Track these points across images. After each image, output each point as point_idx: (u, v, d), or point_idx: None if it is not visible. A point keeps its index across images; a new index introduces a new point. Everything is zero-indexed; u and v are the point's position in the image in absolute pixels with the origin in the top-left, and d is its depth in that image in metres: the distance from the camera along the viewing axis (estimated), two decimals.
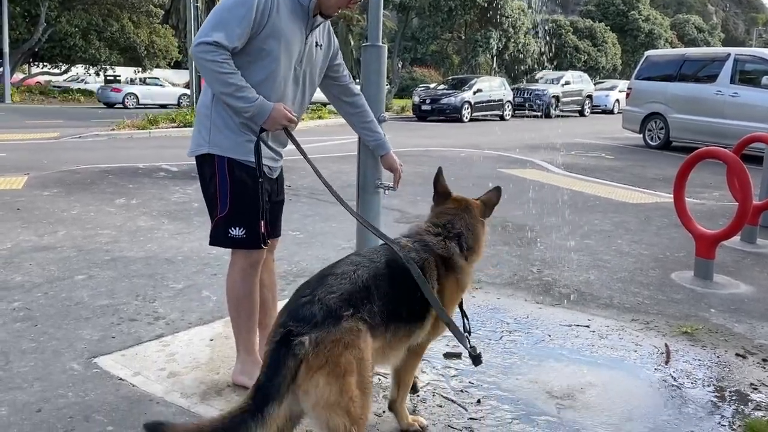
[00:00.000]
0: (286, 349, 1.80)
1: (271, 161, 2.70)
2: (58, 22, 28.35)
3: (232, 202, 2.61)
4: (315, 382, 1.80)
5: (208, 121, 2.60)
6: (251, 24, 2.44)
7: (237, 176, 2.59)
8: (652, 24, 48.09)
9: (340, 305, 1.89)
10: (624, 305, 4.03)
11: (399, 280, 2.11)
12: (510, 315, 3.80)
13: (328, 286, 1.94)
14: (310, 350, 1.80)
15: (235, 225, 2.61)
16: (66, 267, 4.39)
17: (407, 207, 6.70)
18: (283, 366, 1.79)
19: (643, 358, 3.25)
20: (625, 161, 11.46)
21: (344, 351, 1.84)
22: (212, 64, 2.42)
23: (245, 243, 2.64)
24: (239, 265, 2.71)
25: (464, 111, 21.84)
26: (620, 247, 5.41)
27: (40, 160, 9.27)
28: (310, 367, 1.80)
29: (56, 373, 2.87)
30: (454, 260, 2.30)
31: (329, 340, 1.82)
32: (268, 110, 2.51)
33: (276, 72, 2.56)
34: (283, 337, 1.83)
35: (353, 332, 1.88)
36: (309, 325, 1.83)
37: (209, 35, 2.41)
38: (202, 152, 2.62)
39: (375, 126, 2.98)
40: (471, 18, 32.29)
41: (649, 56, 14.58)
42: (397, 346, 2.15)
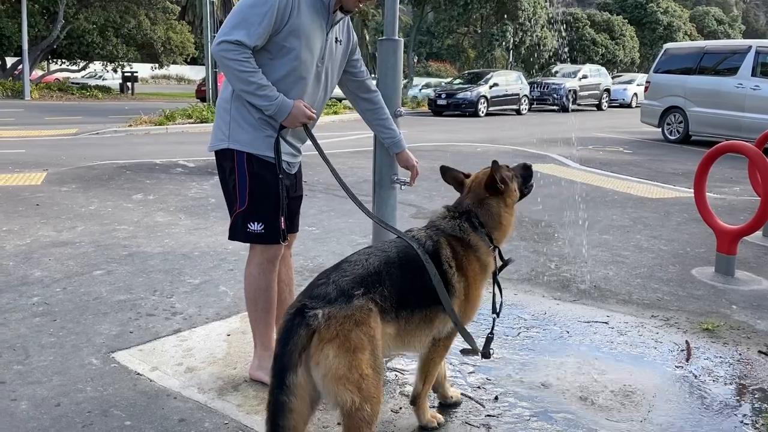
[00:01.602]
0: (301, 318, 1.90)
1: (290, 157, 2.70)
2: (76, 19, 28.61)
3: (250, 197, 2.61)
4: (325, 354, 1.86)
5: (227, 116, 2.61)
6: (272, 22, 2.44)
7: (256, 171, 2.59)
8: (671, 16, 47.48)
9: (352, 286, 1.98)
10: (643, 301, 3.98)
11: (409, 267, 2.15)
12: (527, 311, 3.76)
13: (342, 271, 2.05)
14: (323, 322, 1.88)
15: (253, 220, 2.62)
16: (84, 262, 4.42)
17: (423, 202, 6.68)
18: (296, 334, 1.88)
19: (663, 355, 3.21)
20: (643, 156, 11.34)
21: (354, 327, 1.91)
22: (234, 63, 2.42)
23: (264, 238, 2.65)
24: (257, 259, 2.71)
25: (480, 105, 21.73)
26: (639, 243, 5.35)
27: (58, 156, 9.36)
28: (322, 338, 1.87)
29: (75, 368, 2.89)
30: (467, 239, 2.31)
31: (341, 315, 1.90)
32: (289, 108, 2.51)
33: (297, 69, 2.56)
34: (298, 309, 1.93)
35: (364, 310, 1.95)
36: (323, 302, 1.93)
37: (231, 34, 2.42)
38: (221, 147, 2.63)
39: (390, 123, 2.97)
40: (487, 11, 32.10)
41: (668, 49, 14.39)
42: (414, 331, 2.18)
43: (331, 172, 2.65)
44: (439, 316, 2.22)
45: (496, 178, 2.38)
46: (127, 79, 32.30)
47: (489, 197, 2.41)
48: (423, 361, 2.38)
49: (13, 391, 2.66)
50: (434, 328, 2.26)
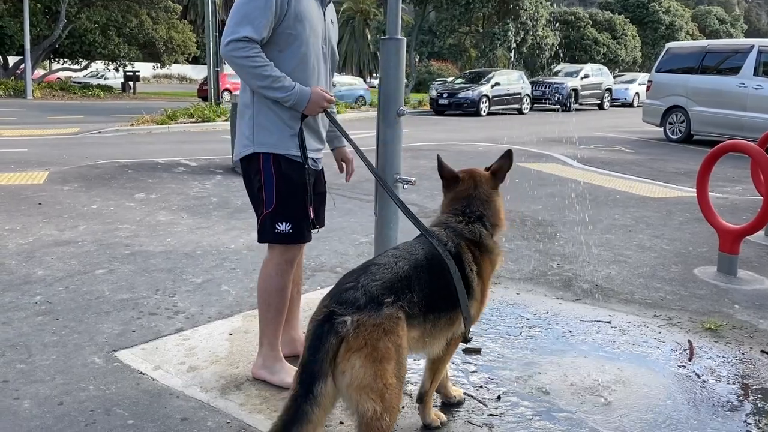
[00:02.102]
0: (330, 325, 1.85)
1: (316, 153, 2.71)
2: (78, 19, 28.62)
3: (278, 198, 2.60)
4: (352, 363, 1.82)
5: (251, 121, 2.60)
6: (274, 12, 2.44)
7: (283, 171, 2.58)
8: (673, 16, 47.38)
9: (382, 292, 1.93)
10: (646, 301, 3.98)
11: (437, 271, 2.13)
12: (530, 310, 3.76)
13: (371, 275, 1.98)
14: (351, 330, 1.84)
15: (281, 220, 2.61)
16: (87, 261, 4.43)
17: (426, 201, 6.67)
18: (326, 342, 1.83)
19: (665, 355, 3.21)
20: (645, 155, 11.32)
21: (383, 336, 1.87)
22: (245, 60, 2.43)
23: (292, 237, 2.64)
24: (276, 260, 2.70)
25: (482, 105, 21.71)
26: (641, 242, 5.34)
27: (60, 155, 9.37)
28: (350, 347, 1.83)
29: (77, 367, 2.89)
30: (484, 242, 2.32)
31: (370, 323, 1.86)
32: (308, 95, 2.51)
33: (307, 54, 2.56)
34: (326, 315, 1.88)
35: (393, 319, 1.91)
36: (352, 308, 1.87)
37: (236, 32, 2.42)
38: (247, 153, 2.61)
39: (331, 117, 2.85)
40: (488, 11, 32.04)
41: (670, 48, 14.37)
42: (437, 335, 2.18)
43: (363, 160, 2.57)
44: (459, 317, 2.23)
45: (506, 173, 2.42)
46: (129, 79, 32.31)
47: (493, 196, 2.41)
48: (432, 361, 2.38)
49: (16, 389, 2.67)
50: (453, 330, 2.26)
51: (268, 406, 2.56)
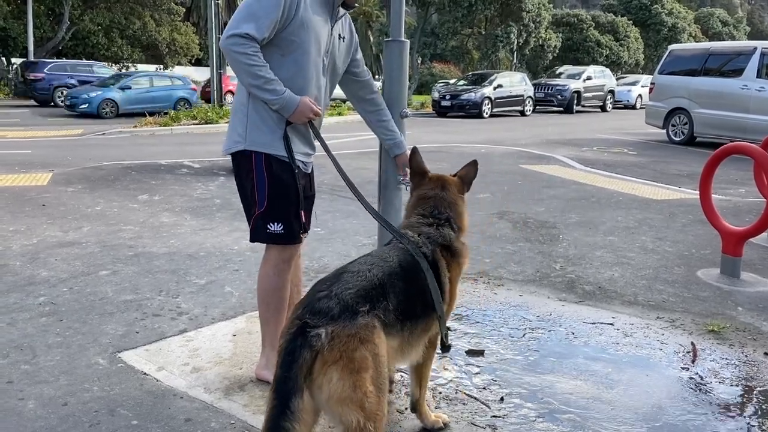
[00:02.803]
0: (303, 339, 1.79)
1: (304, 156, 2.71)
2: (82, 21, 28.75)
3: (269, 198, 2.62)
4: (329, 377, 1.78)
5: (245, 118, 2.61)
6: (280, 15, 2.45)
7: (275, 172, 2.60)
8: (676, 18, 47.38)
9: (356, 301, 1.88)
10: (649, 303, 3.98)
11: (411, 278, 2.12)
12: (533, 312, 3.77)
13: (345, 282, 1.93)
14: (326, 343, 1.78)
15: (273, 220, 2.63)
16: (90, 262, 4.44)
17: None
18: (300, 357, 1.77)
19: (668, 357, 3.21)
20: (648, 157, 11.32)
21: (359, 346, 1.82)
22: (242, 56, 2.44)
23: (284, 238, 2.66)
24: (273, 260, 2.72)
25: (484, 107, 21.71)
26: (644, 244, 5.34)
27: (64, 156, 9.40)
28: (325, 360, 1.78)
29: (81, 368, 2.90)
30: (453, 245, 2.33)
31: (345, 334, 1.81)
32: (296, 103, 2.52)
33: (307, 63, 2.57)
34: (299, 328, 1.82)
35: (368, 328, 1.87)
36: (325, 318, 1.82)
37: (239, 27, 2.44)
38: (238, 149, 2.63)
39: (392, 125, 2.97)
40: (491, 13, 32.07)
41: (673, 50, 14.37)
42: (415, 342, 2.16)
43: (336, 168, 2.64)
44: (434, 322, 2.22)
45: (472, 181, 2.49)
46: None
47: (458, 200, 2.46)
48: (416, 367, 2.39)
49: (20, 390, 2.68)
50: (429, 335, 2.26)
51: None
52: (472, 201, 6.90)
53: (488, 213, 6.37)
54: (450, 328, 2.69)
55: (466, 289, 4.11)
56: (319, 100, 2.67)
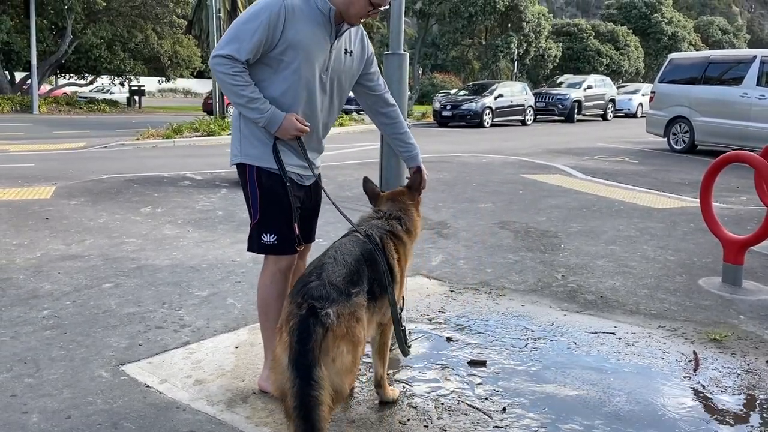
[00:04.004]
0: (315, 318, 2.01)
1: (300, 169, 2.74)
2: (84, 34, 28.89)
3: (262, 209, 2.69)
4: (341, 350, 2.03)
5: (238, 132, 2.71)
6: (264, 38, 2.50)
7: (265, 184, 2.66)
8: (676, 26, 47.56)
9: (347, 285, 2.18)
10: (651, 312, 3.98)
11: (371, 263, 2.40)
12: (534, 322, 3.77)
13: (331, 271, 2.19)
14: (335, 320, 2.03)
15: (266, 231, 2.69)
16: (93, 275, 4.46)
17: (429, 213, 6.69)
18: (314, 332, 1.99)
19: (670, 366, 3.21)
20: (649, 165, 11.34)
21: (357, 323, 2.13)
22: (226, 77, 2.52)
23: (277, 249, 2.71)
24: (270, 270, 2.77)
25: (485, 116, 21.79)
26: (646, 253, 5.35)
27: (67, 169, 9.43)
28: (336, 335, 2.02)
29: (85, 381, 2.91)
30: (399, 235, 2.65)
31: (347, 312, 2.10)
32: (279, 121, 2.58)
33: (298, 82, 2.61)
34: (309, 310, 2.03)
35: (361, 307, 2.19)
36: (328, 302, 2.06)
37: (223, 48, 2.52)
38: (236, 162, 2.74)
39: (408, 137, 3.01)
40: (491, 23, 32.24)
41: (673, 59, 14.43)
42: (372, 321, 2.41)
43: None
44: (386, 302, 2.46)
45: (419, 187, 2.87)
46: (135, 93, 32.56)
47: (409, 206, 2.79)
48: (377, 347, 2.66)
49: (24, 404, 2.69)
50: (382, 313, 2.50)
51: (275, 419, 2.57)
52: (473, 210, 6.94)
53: (489, 223, 6.38)
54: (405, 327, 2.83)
55: (467, 300, 4.12)
56: (312, 116, 2.69)
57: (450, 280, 4.53)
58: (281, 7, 2.49)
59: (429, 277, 4.60)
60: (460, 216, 6.69)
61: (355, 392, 2.85)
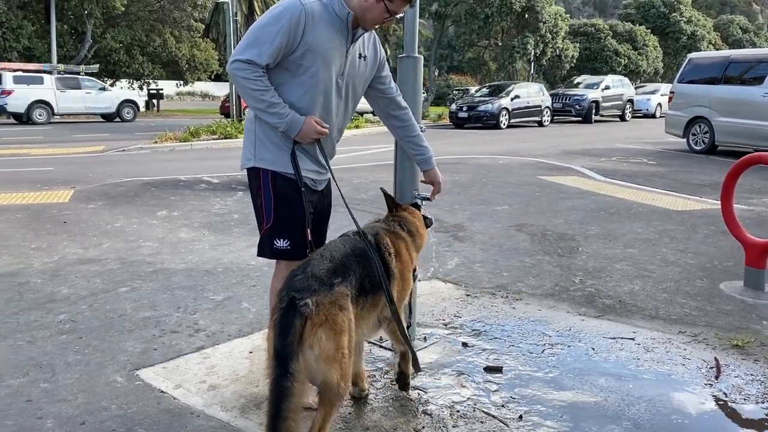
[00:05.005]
0: (294, 310, 2.08)
1: (314, 174, 2.72)
2: (103, 39, 29.26)
3: (276, 214, 2.66)
4: (318, 337, 2.08)
5: (253, 135, 2.68)
6: (285, 42, 2.48)
7: (280, 188, 2.64)
8: (695, 26, 46.98)
9: (329, 276, 2.23)
10: (670, 317, 3.91)
11: (362, 259, 2.43)
12: (552, 327, 3.72)
13: (315, 266, 2.26)
14: (314, 309, 2.09)
15: (279, 236, 2.67)
16: (110, 279, 4.48)
17: (445, 216, 6.65)
18: (293, 326, 2.06)
19: (691, 373, 3.14)
20: (668, 167, 11.19)
21: (339, 312, 2.16)
22: (246, 81, 2.48)
23: (290, 254, 2.68)
24: (281, 275, 2.73)
25: (502, 118, 21.67)
26: (665, 256, 5.26)
27: (86, 173, 9.52)
28: (314, 323, 2.08)
29: (100, 386, 2.91)
30: (398, 233, 2.74)
31: (327, 301, 2.14)
32: (300, 124, 2.55)
33: (316, 87, 2.59)
34: (288, 303, 2.10)
35: (344, 296, 2.22)
36: (309, 292, 2.13)
37: (243, 53, 2.49)
38: (249, 166, 2.70)
39: (421, 140, 2.99)
40: (508, 24, 32.09)
41: (692, 59, 14.24)
42: (366, 317, 2.45)
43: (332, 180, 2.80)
44: (382, 298, 2.50)
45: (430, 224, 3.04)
46: (153, 97, 32.83)
47: (418, 223, 2.91)
48: (390, 332, 2.71)
49: (39, 409, 2.70)
50: (378, 310, 2.53)
51: None
52: (490, 213, 6.88)
53: (506, 225, 6.33)
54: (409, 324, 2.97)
55: (483, 304, 4.08)
56: (327, 120, 2.67)
57: (466, 284, 4.49)
58: (301, 11, 2.47)
59: (445, 281, 4.56)
60: (476, 218, 6.64)
61: (369, 398, 2.83)
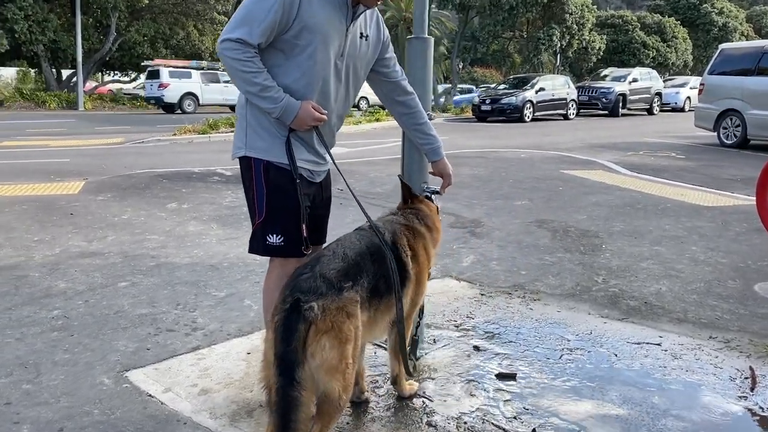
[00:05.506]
0: (297, 314, 1.93)
1: (312, 165, 2.52)
2: (128, 32, 29.39)
3: (268, 208, 2.46)
4: (322, 345, 1.93)
5: (244, 122, 2.48)
6: (278, 19, 2.26)
7: (273, 180, 2.44)
8: (726, 17, 45.75)
9: (339, 279, 2.05)
10: (700, 320, 3.64)
11: (378, 258, 2.26)
12: (571, 330, 3.47)
13: (326, 264, 2.09)
14: (319, 314, 1.94)
15: (272, 232, 2.46)
16: (110, 273, 4.33)
17: (462, 211, 6.41)
18: (297, 330, 1.91)
19: (723, 383, 2.88)
20: (697, 161, 10.79)
21: (346, 319, 2.00)
22: (236, 63, 2.28)
23: (284, 251, 2.48)
24: (275, 273, 2.56)
25: (526, 111, 21.27)
26: (695, 255, 4.97)
27: (100, 165, 9.44)
28: (318, 330, 1.93)
29: (85, 388, 2.75)
30: (416, 227, 2.56)
31: (334, 307, 1.98)
32: (295, 110, 2.35)
33: (313, 68, 2.38)
34: (292, 305, 1.95)
35: (353, 302, 2.05)
36: (315, 295, 1.97)
37: (233, 31, 2.29)
38: (240, 155, 2.50)
39: (429, 128, 2.78)
40: (533, 15, 31.56)
41: (724, 50, 13.73)
42: (380, 319, 2.28)
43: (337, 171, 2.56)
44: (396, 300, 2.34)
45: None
46: None
47: (435, 216, 2.73)
48: (393, 345, 2.54)
49: (17, 413, 2.53)
50: (392, 312, 2.35)
51: None
52: (509, 208, 6.62)
53: (525, 221, 6.06)
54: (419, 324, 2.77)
55: (498, 305, 3.85)
56: (326, 106, 2.46)
57: (481, 283, 4.26)
58: None
59: (459, 279, 4.33)
60: (495, 214, 6.39)
61: (370, 406, 2.62)
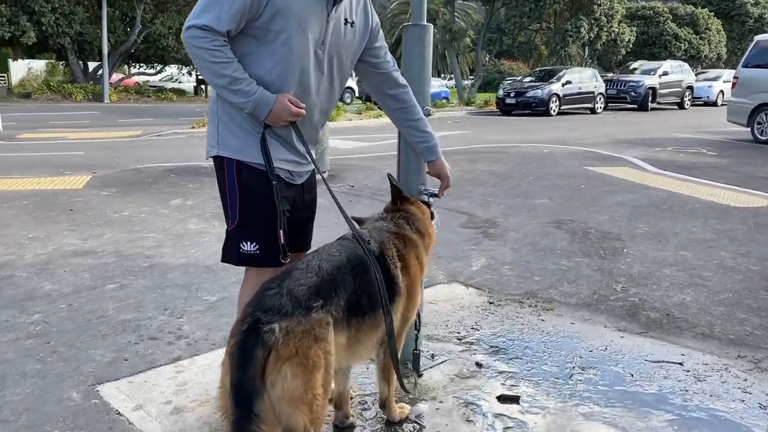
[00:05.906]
0: (256, 337, 1.73)
1: (292, 165, 2.27)
2: (153, 24, 29.45)
3: (242, 212, 2.23)
4: (283, 374, 1.73)
5: (216, 118, 2.25)
6: (246, 4, 2.02)
7: (246, 181, 2.20)
8: (762, 8, 44.31)
9: (309, 296, 1.84)
10: (728, 336, 3.32)
11: (360, 272, 2.04)
12: (584, 345, 3.19)
13: (295, 279, 1.88)
14: (281, 338, 1.73)
15: (246, 239, 2.23)
16: (100, 274, 4.14)
17: (477, 210, 6.11)
18: (254, 357, 1.71)
19: (753, 412, 2.58)
20: (729, 158, 10.30)
21: (314, 344, 1.78)
22: (202, 52, 2.05)
23: (259, 260, 2.25)
24: (250, 284, 2.31)
25: (552, 104, 20.79)
26: (723, 261, 4.62)
27: (112, 158, 9.32)
28: (279, 356, 1.73)
29: (50, 404, 2.55)
30: (406, 235, 2.32)
31: (300, 330, 1.77)
32: (270, 104, 2.10)
33: (288, 57, 2.13)
34: (250, 326, 1.75)
35: (323, 324, 1.83)
36: (278, 315, 1.76)
37: (198, 17, 2.05)
38: (212, 154, 2.26)
39: (424, 125, 2.54)
40: (560, 7, 30.88)
41: (760, 41, 13.15)
42: (364, 339, 2.07)
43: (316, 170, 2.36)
44: (381, 317, 2.10)
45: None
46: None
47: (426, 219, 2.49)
48: (382, 366, 2.33)
49: None
50: (380, 331, 2.14)
51: None
52: (527, 207, 6.31)
53: (543, 222, 5.75)
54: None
55: (507, 314, 3.57)
56: (305, 99, 2.21)
57: (490, 289, 3.99)
58: None
59: (467, 285, 4.06)
60: (511, 213, 6.08)
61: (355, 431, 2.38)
